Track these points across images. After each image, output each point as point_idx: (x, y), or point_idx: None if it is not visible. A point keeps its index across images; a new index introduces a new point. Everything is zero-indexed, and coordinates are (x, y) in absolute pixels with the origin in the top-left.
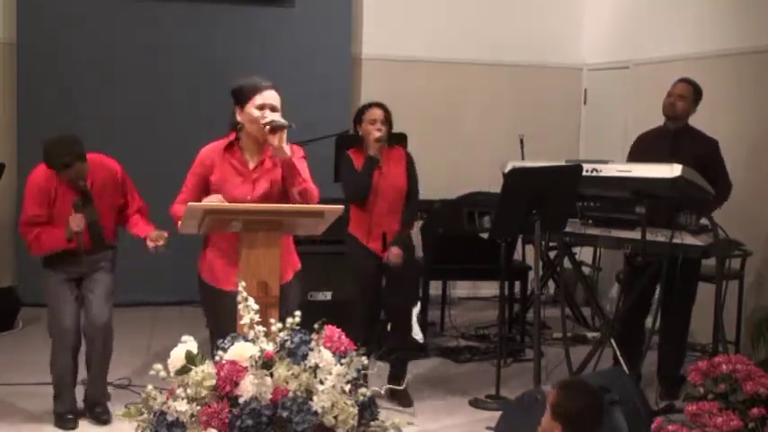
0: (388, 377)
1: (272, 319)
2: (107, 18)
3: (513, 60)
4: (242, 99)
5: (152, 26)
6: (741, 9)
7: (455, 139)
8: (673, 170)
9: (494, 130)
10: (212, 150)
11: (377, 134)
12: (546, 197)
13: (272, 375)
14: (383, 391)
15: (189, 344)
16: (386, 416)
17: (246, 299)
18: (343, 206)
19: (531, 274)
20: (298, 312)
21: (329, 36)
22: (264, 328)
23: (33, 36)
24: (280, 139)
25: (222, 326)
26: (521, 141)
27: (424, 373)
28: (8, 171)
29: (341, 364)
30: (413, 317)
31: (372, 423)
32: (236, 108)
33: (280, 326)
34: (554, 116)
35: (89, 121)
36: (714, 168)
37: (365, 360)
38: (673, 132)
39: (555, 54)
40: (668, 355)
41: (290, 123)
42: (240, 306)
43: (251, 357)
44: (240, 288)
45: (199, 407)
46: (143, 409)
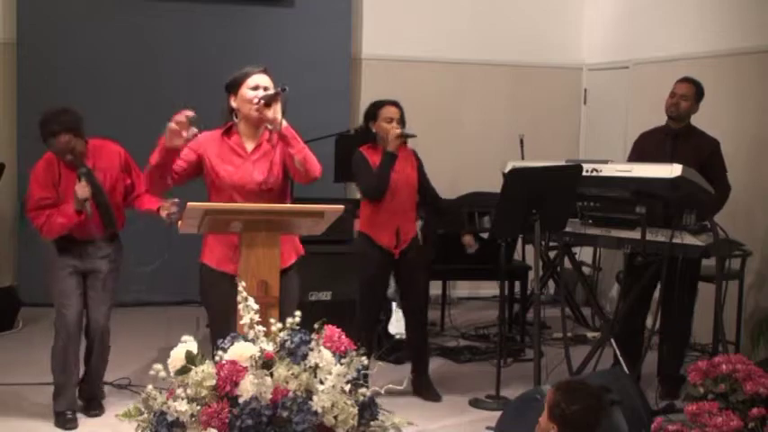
0: (412, 373)
1: (272, 319)
2: (107, 18)
3: (513, 60)
4: (235, 86)
5: (152, 26)
6: (741, 9)
7: (455, 139)
8: (673, 170)
9: (494, 130)
10: (210, 135)
11: (398, 131)
12: (546, 197)
13: (272, 375)
14: (406, 384)
15: (189, 344)
16: (386, 416)
17: (246, 299)
18: (342, 206)
19: (531, 274)
20: (298, 312)
21: (329, 36)
22: (264, 328)
23: (33, 36)
24: (275, 110)
25: (220, 310)
26: (521, 141)
27: None
28: (8, 171)
29: (341, 364)
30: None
31: (372, 423)
32: (230, 97)
33: (280, 326)
34: (554, 116)
35: (89, 120)
36: (714, 170)
37: (365, 360)
38: (675, 132)
39: (555, 54)
40: (668, 355)
41: (283, 86)
42: (240, 306)
43: (251, 357)
44: (240, 288)
45: (199, 407)
46: (143, 409)
